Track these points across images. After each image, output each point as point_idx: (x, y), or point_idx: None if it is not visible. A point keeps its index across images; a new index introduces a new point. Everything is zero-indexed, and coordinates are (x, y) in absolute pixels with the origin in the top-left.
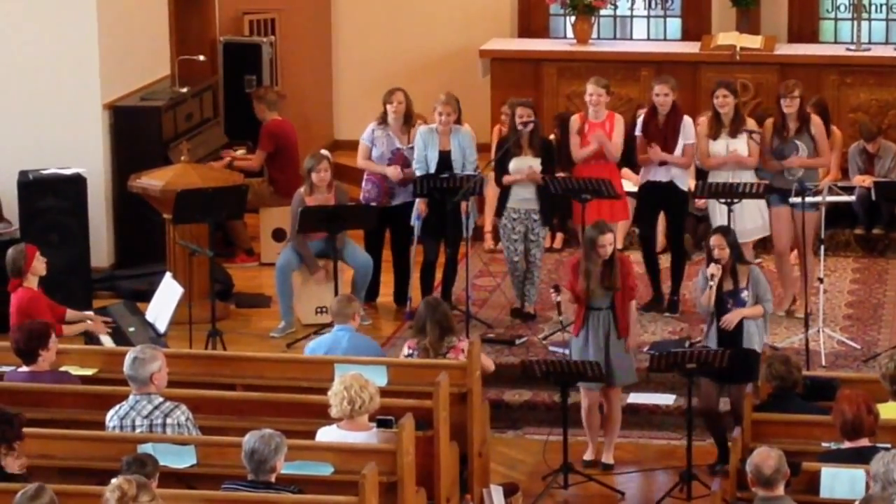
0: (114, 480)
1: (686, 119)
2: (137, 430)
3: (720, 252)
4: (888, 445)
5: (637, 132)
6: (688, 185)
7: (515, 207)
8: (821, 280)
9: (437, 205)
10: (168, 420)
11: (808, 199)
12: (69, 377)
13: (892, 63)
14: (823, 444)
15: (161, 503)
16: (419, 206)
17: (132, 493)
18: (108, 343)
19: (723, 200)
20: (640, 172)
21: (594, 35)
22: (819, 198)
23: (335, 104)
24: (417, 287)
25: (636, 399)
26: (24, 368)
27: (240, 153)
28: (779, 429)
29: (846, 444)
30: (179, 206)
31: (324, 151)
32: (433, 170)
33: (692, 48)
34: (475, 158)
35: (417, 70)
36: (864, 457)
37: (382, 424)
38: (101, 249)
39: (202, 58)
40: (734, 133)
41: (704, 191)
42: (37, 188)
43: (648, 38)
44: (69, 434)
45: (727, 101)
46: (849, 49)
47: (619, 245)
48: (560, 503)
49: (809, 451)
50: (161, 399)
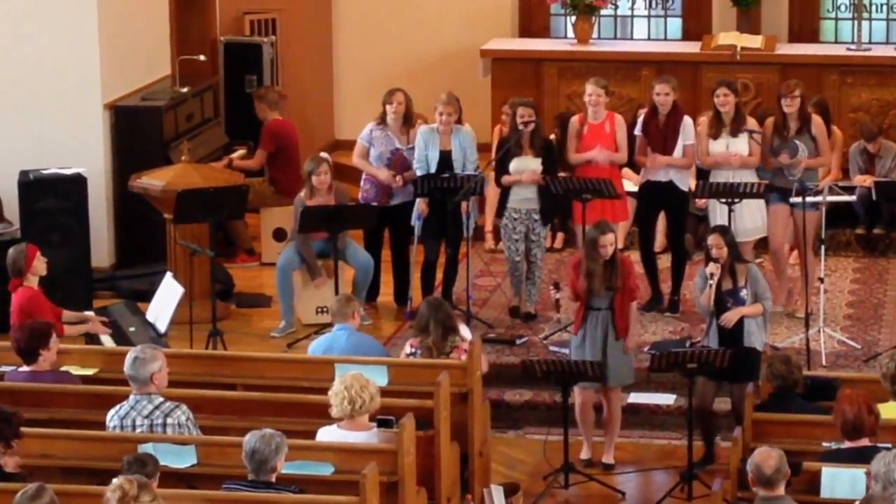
0: (115, 480)
1: (686, 119)
2: (138, 430)
3: (718, 251)
4: (889, 445)
5: (637, 132)
6: (688, 185)
7: (516, 207)
8: (821, 280)
9: (438, 205)
10: (168, 420)
11: (809, 199)
12: (70, 377)
13: (893, 63)
14: (824, 444)
15: (162, 503)
16: (420, 206)
17: (133, 493)
18: (109, 343)
19: (723, 200)
20: (641, 172)
21: (595, 35)
22: (819, 198)
23: (336, 104)
24: (418, 287)
25: (637, 399)
26: (25, 368)
27: (239, 154)
28: (779, 428)
29: (847, 444)
30: (180, 206)
31: (323, 154)
32: (434, 169)
33: (693, 48)
34: (476, 158)
35: (418, 70)
36: (865, 457)
37: (383, 424)
38: (102, 249)
39: (203, 58)
40: (735, 132)
41: (705, 191)
42: (37, 188)
43: (649, 38)
44: (70, 434)
45: (728, 100)
46: (849, 49)
47: (620, 245)
48: (561, 503)
49: (810, 451)
50: (161, 399)
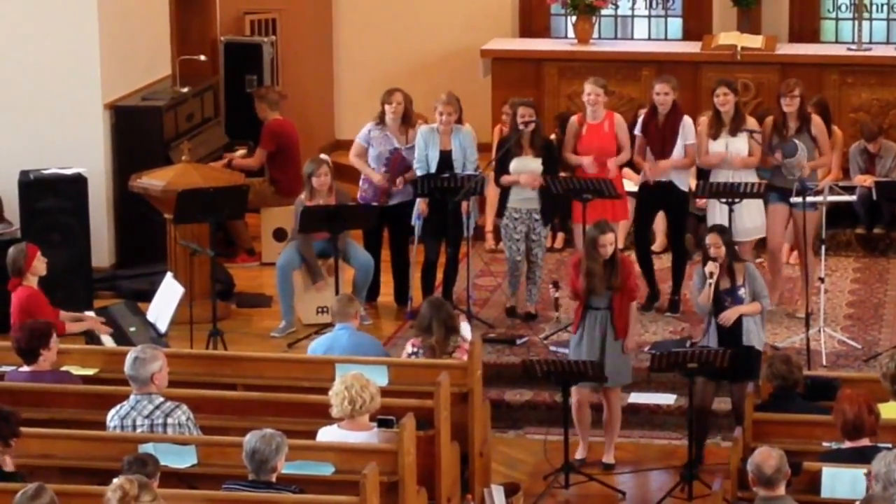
0: (115, 480)
1: (686, 119)
2: (138, 430)
3: (716, 251)
4: (889, 445)
5: (637, 132)
6: (688, 185)
7: (517, 207)
8: (822, 280)
9: (438, 204)
10: (169, 420)
11: (809, 199)
12: (70, 377)
13: (893, 63)
14: (824, 444)
15: (163, 503)
16: (420, 206)
17: (134, 493)
18: (110, 343)
19: (723, 200)
20: (641, 172)
21: (595, 35)
22: (820, 197)
23: (336, 104)
24: (418, 287)
25: (637, 399)
26: (26, 368)
27: (240, 153)
28: (780, 428)
29: (847, 444)
30: (180, 206)
31: (323, 156)
32: (434, 169)
33: (693, 48)
34: (476, 158)
35: (418, 70)
36: (865, 456)
37: (383, 424)
38: (102, 249)
39: (203, 58)
40: (734, 132)
41: (705, 191)
42: (38, 188)
43: (649, 38)
44: (70, 434)
45: (728, 100)
46: (850, 49)
47: (621, 245)
48: (561, 503)
49: (810, 451)
50: (162, 399)
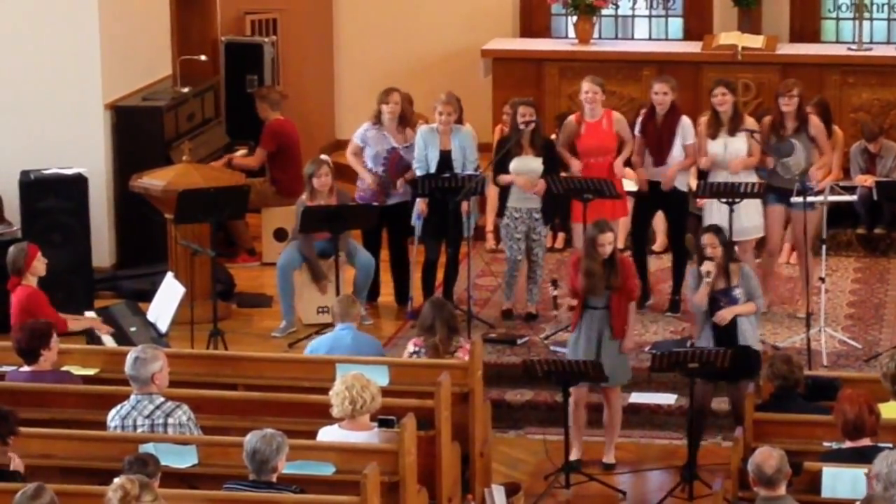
0: (116, 480)
1: (684, 119)
2: (139, 430)
3: (713, 250)
4: (890, 445)
5: (636, 132)
6: (687, 185)
7: (517, 206)
8: (822, 280)
9: (438, 204)
10: (170, 420)
11: (808, 199)
12: (71, 377)
13: (894, 63)
14: (825, 444)
15: (163, 503)
16: (420, 206)
17: (135, 493)
18: (110, 343)
19: (724, 200)
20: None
21: (596, 35)
22: (820, 197)
23: (337, 104)
24: (419, 287)
25: (637, 399)
26: (26, 368)
27: (241, 153)
28: (780, 428)
29: (847, 444)
30: (181, 206)
31: (324, 156)
32: (433, 169)
33: (694, 48)
34: (476, 158)
35: (419, 70)
36: (866, 457)
37: (384, 424)
38: (103, 249)
39: (204, 58)
40: (733, 131)
41: (706, 191)
42: (38, 188)
43: (650, 38)
44: (71, 434)
45: (726, 100)
46: (850, 49)
47: (621, 245)
48: (561, 503)
49: (811, 451)
50: (162, 399)
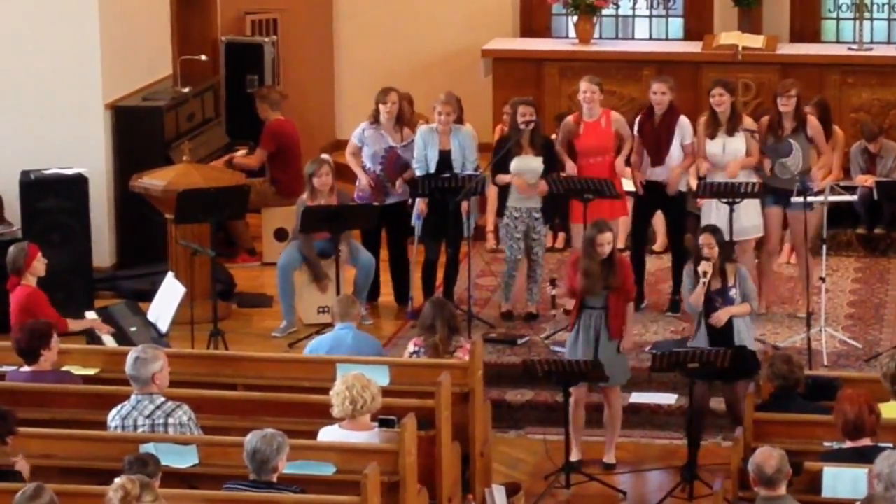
0: (117, 480)
1: (682, 119)
2: (139, 430)
3: (710, 250)
4: (890, 445)
5: (634, 132)
6: (686, 185)
7: (517, 206)
8: (823, 280)
9: (438, 204)
10: (170, 420)
11: (795, 199)
12: (71, 377)
13: (894, 63)
14: (825, 444)
15: (164, 503)
16: (419, 206)
17: (135, 493)
18: (110, 343)
19: (724, 200)
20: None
21: (596, 35)
22: (821, 197)
23: (337, 104)
24: (419, 287)
25: (638, 399)
26: (26, 368)
27: (241, 153)
28: (781, 428)
29: (848, 444)
30: (181, 206)
31: (324, 156)
32: (433, 169)
33: (694, 48)
34: (475, 158)
35: (419, 70)
36: (866, 456)
37: (384, 424)
38: (103, 249)
39: (204, 58)
40: (731, 132)
41: (706, 191)
42: (39, 188)
43: (650, 38)
44: (71, 434)
45: (724, 100)
46: (851, 49)
47: (621, 245)
48: (562, 503)
49: (811, 451)
50: (163, 399)
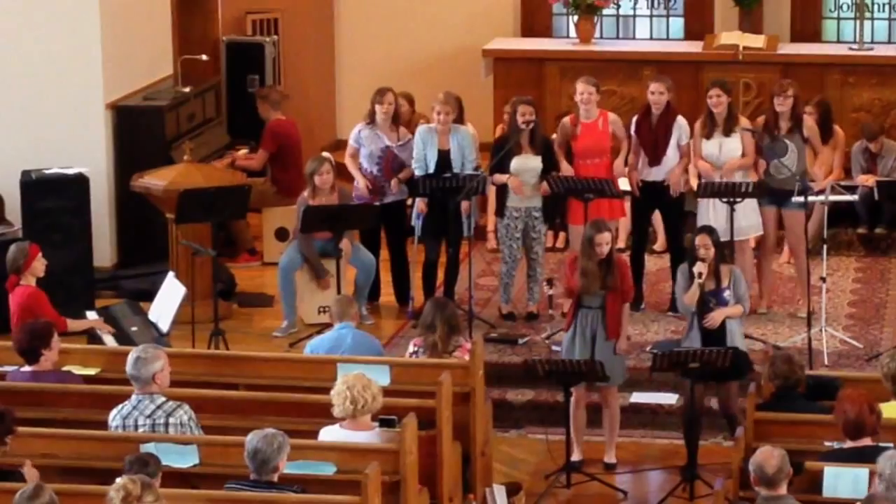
0: (118, 480)
1: (680, 119)
2: (140, 430)
3: (705, 251)
4: (891, 444)
5: (631, 132)
6: (686, 184)
7: (516, 206)
8: (823, 279)
9: (438, 204)
10: (171, 419)
11: (796, 199)
12: (72, 377)
13: (895, 62)
14: (826, 444)
15: (165, 503)
16: (419, 206)
17: (136, 493)
18: (111, 343)
19: (725, 200)
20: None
21: (597, 34)
22: (821, 197)
23: (338, 103)
24: (419, 287)
25: (639, 399)
26: (27, 368)
27: (243, 152)
28: (782, 428)
29: (848, 444)
30: (182, 206)
31: (325, 154)
32: (432, 169)
33: (695, 48)
34: (474, 158)
35: (420, 70)
36: (867, 456)
37: (385, 424)
38: (104, 249)
39: (205, 57)
40: (728, 132)
41: (706, 191)
42: (39, 188)
43: (651, 38)
44: (72, 434)
45: (721, 101)
46: (851, 48)
47: (622, 245)
48: (562, 502)
49: (812, 451)
50: (164, 398)
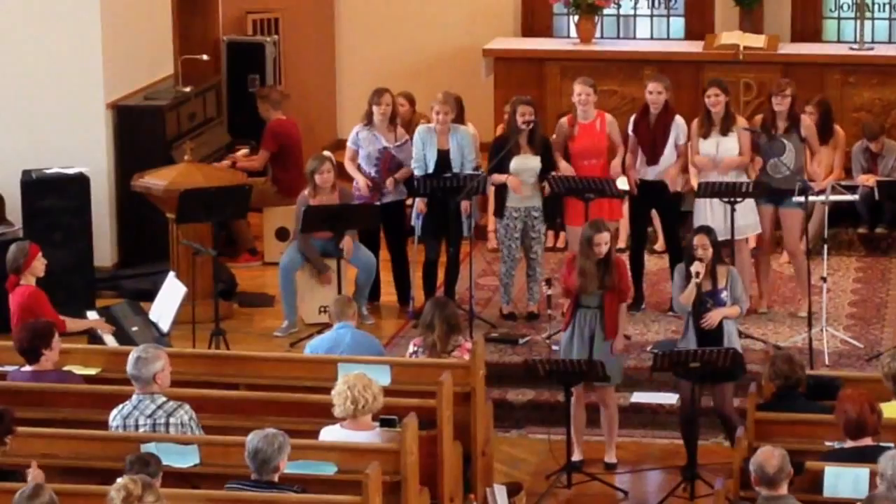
0: (119, 480)
1: (678, 119)
2: (141, 430)
3: (703, 251)
4: (891, 444)
5: (629, 132)
6: (685, 184)
7: (516, 206)
8: (824, 279)
9: (438, 204)
10: (171, 419)
11: (799, 199)
12: (72, 376)
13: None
14: (827, 444)
15: (166, 503)
16: (419, 205)
17: (137, 493)
18: (112, 342)
19: (726, 200)
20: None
21: (598, 34)
22: (822, 197)
23: (338, 103)
24: (420, 287)
25: (639, 399)
26: (28, 368)
27: (243, 153)
28: (782, 428)
29: (849, 444)
30: (183, 206)
31: (326, 153)
32: (431, 169)
33: (695, 47)
34: (473, 158)
35: (421, 69)
36: (868, 456)
37: (386, 424)
38: (105, 249)
39: (205, 57)
40: (725, 131)
41: (706, 191)
42: (40, 188)
43: (652, 38)
44: (72, 434)
45: (719, 100)
46: (852, 48)
47: (623, 245)
48: (563, 502)
49: (813, 450)
50: (164, 398)
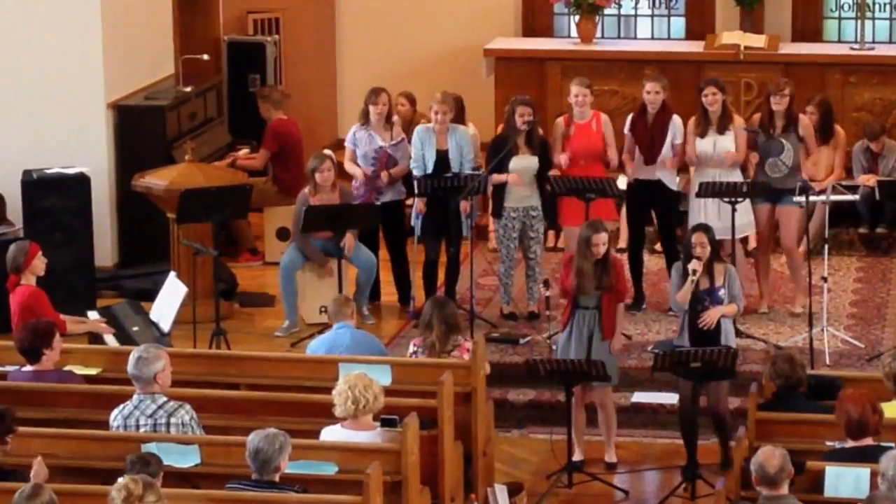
0: (120, 480)
1: (675, 118)
2: (141, 430)
3: (702, 249)
4: (893, 444)
5: (626, 131)
6: (676, 184)
7: (514, 206)
8: (825, 279)
9: (438, 204)
10: (172, 419)
11: (797, 198)
12: (73, 376)
13: None
14: (828, 443)
15: (166, 503)
16: (418, 205)
17: (138, 493)
18: (112, 342)
19: (726, 200)
20: (629, 171)
21: (598, 34)
22: (822, 196)
23: (339, 103)
24: (420, 286)
25: (640, 398)
26: (29, 368)
27: (244, 152)
28: (783, 428)
29: (850, 444)
30: (183, 206)
31: (327, 151)
32: (430, 169)
33: (696, 47)
34: (472, 157)
35: (421, 69)
36: (869, 456)
37: (387, 424)
38: (105, 249)
39: (206, 57)
40: (722, 130)
41: (706, 191)
42: (40, 187)
43: (652, 38)
44: (73, 433)
45: (716, 99)
46: (853, 48)
47: (623, 245)
48: (564, 502)
49: (814, 450)
50: (165, 398)
